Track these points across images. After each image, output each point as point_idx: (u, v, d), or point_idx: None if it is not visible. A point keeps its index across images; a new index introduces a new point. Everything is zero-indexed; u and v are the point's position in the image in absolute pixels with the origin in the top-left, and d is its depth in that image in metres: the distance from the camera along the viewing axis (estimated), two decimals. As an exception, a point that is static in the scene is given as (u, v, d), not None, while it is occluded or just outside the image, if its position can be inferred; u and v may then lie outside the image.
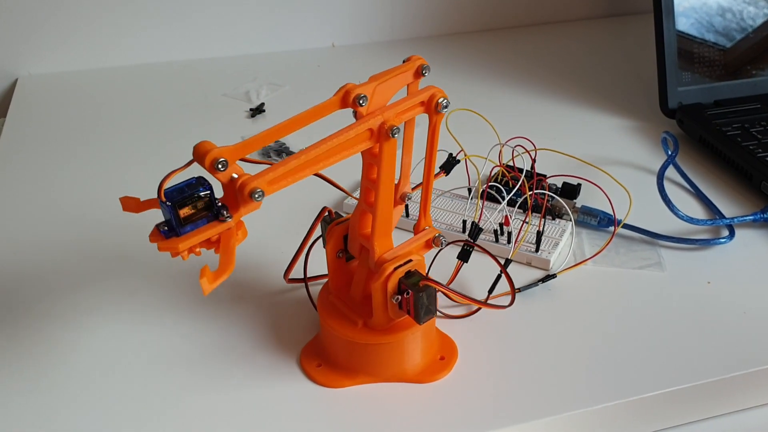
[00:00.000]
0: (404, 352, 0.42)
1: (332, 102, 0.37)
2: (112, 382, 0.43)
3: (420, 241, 0.41)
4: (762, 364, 0.44)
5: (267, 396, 0.42)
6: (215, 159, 0.33)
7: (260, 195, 0.34)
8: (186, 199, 0.34)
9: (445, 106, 0.38)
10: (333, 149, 0.36)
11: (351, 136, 0.37)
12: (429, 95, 0.38)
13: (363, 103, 0.37)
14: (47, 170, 0.66)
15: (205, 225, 0.35)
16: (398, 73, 0.39)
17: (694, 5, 0.72)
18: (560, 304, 0.49)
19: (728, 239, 0.55)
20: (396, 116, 0.38)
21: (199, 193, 0.34)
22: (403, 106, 0.38)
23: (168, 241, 0.34)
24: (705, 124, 0.68)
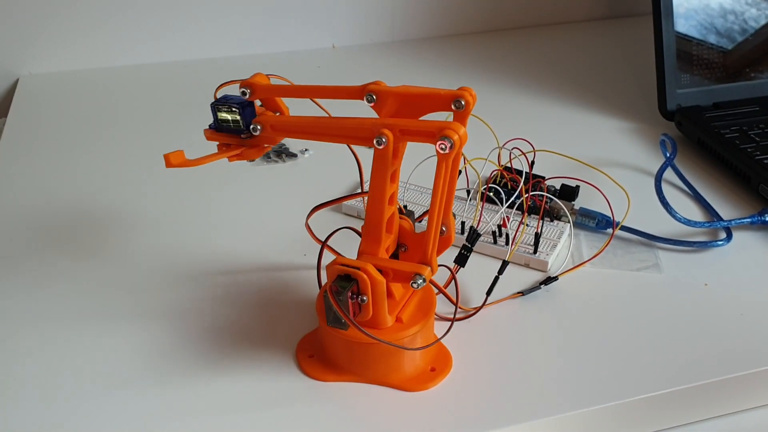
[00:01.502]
0: (393, 356, 0.42)
1: (353, 88, 0.39)
2: (104, 374, 0.43)
3: (403, 268, 0.40)
4: (758, 366, 0.45)
5: (254, 384, 0.43)
6: (246, 84, 0.41)
7: (256, 129, 0.41)
8: (223, 106, 0.42)
9: (449, 147, 0.35)
10: (332, 127, 0.39)
11: (347, 124, 0.38)
12: (438, 128, 0.36)
13: (370, 100, 0.38)
14: (48, 170, 0.66)
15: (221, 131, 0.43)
16: (431, 92, 0.37)
17: (693, 7, 0.73)
18: (558, 305, 0.49)
19: (725, 242, 0.55)
20: (397, 130, 0.37)
21: (233, 106, 0.41)
22: (408, 124, 0.37)
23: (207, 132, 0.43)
24: (703, 127, 0.68)
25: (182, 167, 0.43)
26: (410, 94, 0.37)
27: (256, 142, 0.42)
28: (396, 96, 0.38)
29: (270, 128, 0.41)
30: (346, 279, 0.39)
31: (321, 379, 0.43)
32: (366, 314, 0.40)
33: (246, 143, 0.42)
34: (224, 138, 0.43)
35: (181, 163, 0.42)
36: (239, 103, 0.41)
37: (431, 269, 0.40)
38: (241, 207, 0.60)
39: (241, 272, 0.52)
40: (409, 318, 0.42)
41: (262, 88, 0.41)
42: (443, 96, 0.36)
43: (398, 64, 0.91)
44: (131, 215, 0.59)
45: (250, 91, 0.41)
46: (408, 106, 0.38)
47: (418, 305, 0.43)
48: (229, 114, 0.42)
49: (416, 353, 0.43)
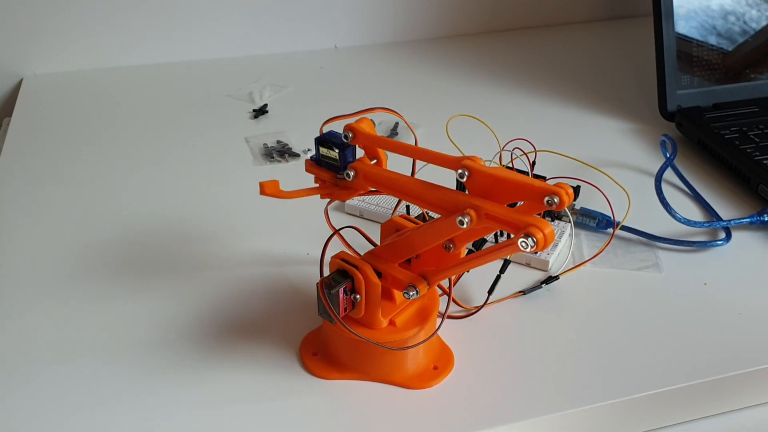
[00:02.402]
0: (395, 355, 0.43)
1: (450, 158, 0.38)
2: (109, 369, 0.44)
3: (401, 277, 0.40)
4: (757, 365, 0.45)
5: (258, 381, 0.43)
6: (349, 128, 0.41)
7: (350, 174, 0.41)
8: (325, 143, 0.42)
9: (531, 246, 0.34)
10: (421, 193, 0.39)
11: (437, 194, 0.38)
12: (525, 224, 0.34)
13: (462, 177, 0.37)
14: (52, 169, 0.67)
15: (326, 169, 0.43)
16: (526, 183, 0.35)
17: (693, 9, 0.73)
18: (559, 304, 0.50)
19: (725, 241, 0.56)
20: (483, 213, 0.36)
21: (334, 145, 0.42)
22: (495, 210, 0.36)
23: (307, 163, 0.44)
24: (703, 127, 0.68)
25: (275, 197, 0.44)
26: (504, 180, 0.36)
27: (349, 185, 0.43)
28: (489, 178, 0.36)
29: (362, 177, 0.41)
30: (343, 275, 0.40)
31: (325, 377, 0.44)
32: (358, 312, 0.41)
33: (340, 184, 0.43)
34: (321, 173, 0.43)
35: (274, 194, 0.43)
36: (341, 144, 0.42)
37: (428, 284, 0.40)
38: (244, 206, 0.61)
39: (244, 270, 0.53)
40: (404, 323, 0.43)
41: (364, 135, 0.41)
42: (537, 190, 0.35)
43: (400, 64, 0.92)
44: (133, 213, 0.60)
45: (352, 135, 0.41)
46: (499, 191, 0.36)
47: (417, 311, 0.44)
48: (330, 152, 0.42)
49: (419, 352, 0.43)
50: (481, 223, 0.36)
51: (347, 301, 0.40)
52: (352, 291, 0.40)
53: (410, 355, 0.43)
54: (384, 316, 0.41)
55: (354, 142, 0.41)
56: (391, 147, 0.41)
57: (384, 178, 0.41)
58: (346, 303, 0.40)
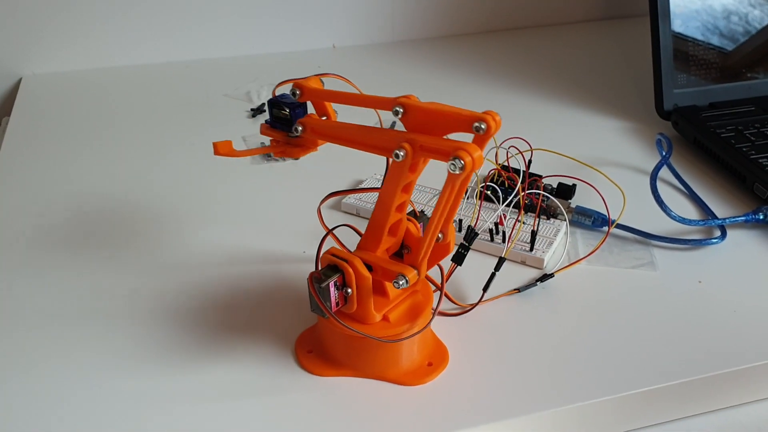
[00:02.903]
0: (389, 351, 0.43)
1: (386, 99, 0.39)
2: (105, 363, 0.44)
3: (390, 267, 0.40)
4: (751, 362, 0.45)
5: (252, 378, 0.44)
6: (297, 84, 0.43)
7: (297, 130, 0.43)
8: (275, 106, 0.44)
9: (460, 168, 0.35)
10: (360, 135, 0.41)
11: (374, 133, 0.40)
12: (454, 147, 0.36)
13: (397, 113, 0.38)
14: (50, 169, 0.67)
15: (274, 128, 0.45)
16: (455, 112, 0.37)
17: (690, 8, 0.73)
18: (554, 302, 0.50)
19: (720, 239, 0.56)
20: (417, 145, 0.37)
21: (284, 107, 0.44)
22: (428, 140, 0.37)
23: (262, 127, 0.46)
24: (699, 126, 0.69)
25: (229, 156, 0.45)
26: (435, 111, 0.37)
27: (300, 143, 0.44)
28: (422, 112, 0.38)
29: (310, 130, 0.43)
30: (333, 269, 0.40)
31: (319, 374, 0.44)
32: (350, 307, 0.41)
33: (291, 142, 0.45)
34: (275, 134, 0.45)
35: (228, 153, 0.44)
36: (292, 103, 0.43)
37: (417, 273, 0.40)
38: (242, 204, 0.61)
39: (241, 268, 0.53)
40: (397, 318, 0.43)
41: (310, 90, 0.43)
42: (465, 117, 0.36)
43: (398, 64, 0.92)
44: (133, 212, 0.60)
45: (299, 92, 0.43)
46: (433, 124, 0.38)
47: (410, 307, 0.44)
48: (281, 112, 0.44)
49: (413, 348, 0.44)
50: (417, 156, 0.37)
51: (339, 296, 0.41)
52: (343, 285, 0.40)
53: (404, 352, 0.43)
54: (377, 311, 0.42)
55: (302, 98, 0.43)
56: (334, 98, 0.43)
57: (329, 128, 0.43)
58: (338, 298, 0.41)
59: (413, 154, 0.37)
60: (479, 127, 0.36)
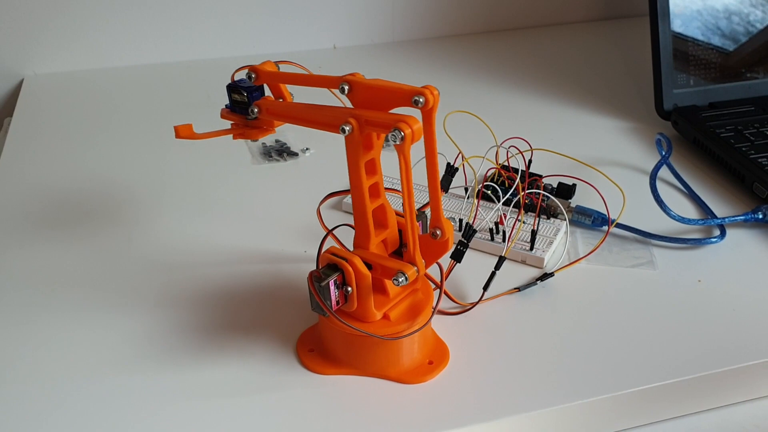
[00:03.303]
0: (390, 349, 0.43)
1: (333, 78, 0.41)
2: (104, 359, 0.44)
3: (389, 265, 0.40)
4: (750, 360, 0.45)
5: (253, 376, 0.44)
6: (252, 69, 0.45)
7: (254, 111, 0.45)
8: (233, 90, 0.46)
9: (400, 138, 0.37)
10: (311, 113, 0.42)
11: (322, 110, 0.41)
12: (394, 120, 0.38)
13: (343, 91, 0.40)
14: (52, 169, 0.67)
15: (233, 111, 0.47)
16: (395, 88, 0.39)
17: (689, 8, 0.74)
18: (554, 301, 0.50)
19: (719, 239, 0.56)
20: (363, 120, 0.39)
21: (241, 90, 0.46)
22: (371, 115, 0.39)
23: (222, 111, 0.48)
24: (699, 126, 0.69)
25: (190, 139, 0.47)
26: (378, 87, 0.39)
27: (258, 124, 0.46)
28: (366, 88, 0.39)
29: (265, 111, 0.45)
30: (333, 268, 0.41)
31: (320, 372, 0.44)
32: (351, 305, 0.41)
33: (249, 124, 0.47)
34: (234, 117, 0.47)
35: (188, 136, 0.47)
36: (249, 87, 0.45)
37: (417, 269, 0.41)
38: (243, 204, 0.61)
39: (242, 267, 0.53)
40: (398, 317, 0.43)
41: (264, 74, 0.44)
42: (405, 91, 0.38)
43: (399, 64, 0.92)
44: (135, 212, 0.60)
45: (255, 75, 0.45)
46: (378, 99, 0.39)
47: (410, 306, 0.44)
48: (239, 96, 0.46)
49: (413, 347, 0.44)
50: (363, 130, 0.39)
51: (339, 294, 0.41)
52: (343, 283, 0.41)
53: (405, 350, 0.44)
54: (377, 309, 0.42)
55: (257, 82, 0.45)
56: (286, 79, 0.45)
57: (282, 108, 0.45)
58: (338, 296, 0.41)
59: (359, 128, 0.39)
60: (418, 101, 0.37)
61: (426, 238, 0.42)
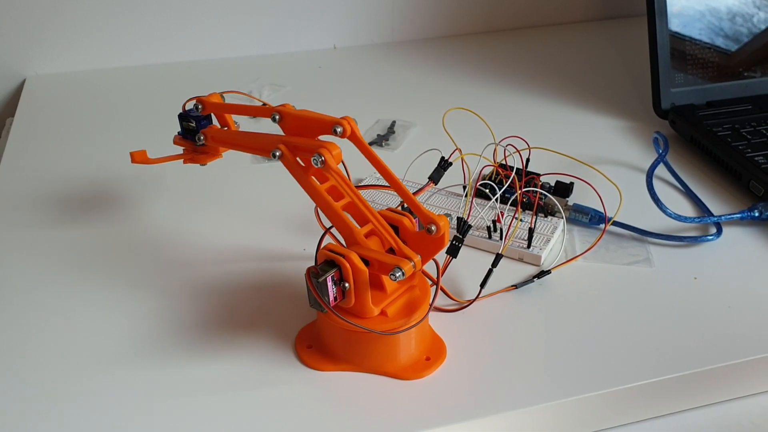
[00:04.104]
0: (387, 345, 0.43)
1: (266, 108, 0.46)
2: (103, 353, 0.45)
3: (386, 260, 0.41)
4: (745, 356, 0.46)
5: (252, 372, 0.44)
6: (199, 100, 0.50)
7: (200, 139, 0.50)
8: (184, 119, 0.51)
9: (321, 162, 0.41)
10: (248, 140, 0.47)
11: (258, 138, 0.46)
12: (317, 146, 0.42)
13: (274, 120, 0.45)
14: (54, 169, 0.68)
15: (185, 138, 0.52)
16: (319, 118, 0.43)
17: (686, 7, 0.74)
18: (551, 298, 0.51)
19: (716, 236, 0.56)
20: (291, 146, 0.43)
21: (191, 119, 0.51)
22: (297, 141, 0.43)
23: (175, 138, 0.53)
24: (696, 125, 0.69)
25: (144, 164, 0.52)
26: (304, 117, 0.44)
27: (205, 150, 0.52)
28: (294, 118, 0.44)
29: (210, 138, 0.50)
30: (330, 264, 0.41)
31: (318, 368, 0.44)
32: (348, 301, 0.42)
33: (198, 150, 0.52)
34: (185, 144, 0.52)
35: (143, 161, 0.52)
36: (197, 116, 0.50)
37: (414, 264, 0.41)
38: (244, 203, 0.62)
39: (241, 265, 0.54)
40: (395, 313, 0.43)
41: (210, 104, 0.50)
42: (326, 122, 0.42)
43: (398, 64, 0.92)
44: (136, 212, 0.61)
45: (201, 106, 0.50)
46: (305, 128, 0.44)
47: (408, 302, 0.44)
48: (189, 124, 0.51)
49: (410, 343, 0.44)
50: (294, 155, 0.43)
51: (337, 291, 0.41)
52: (340, 279, 0.41)
53: (402, 346, 0.44)
54: (375, 305, 0.42)
55: (204, 111, 0.50)
56: (229, 109, 0.49)
57: (224, 135, 0.49)
58: (336, 293, 0.41)
59: (289, 152, 0.43)
60: (336, 130, 0.42)
61: (422, 234, 0.43)
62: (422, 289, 0.45)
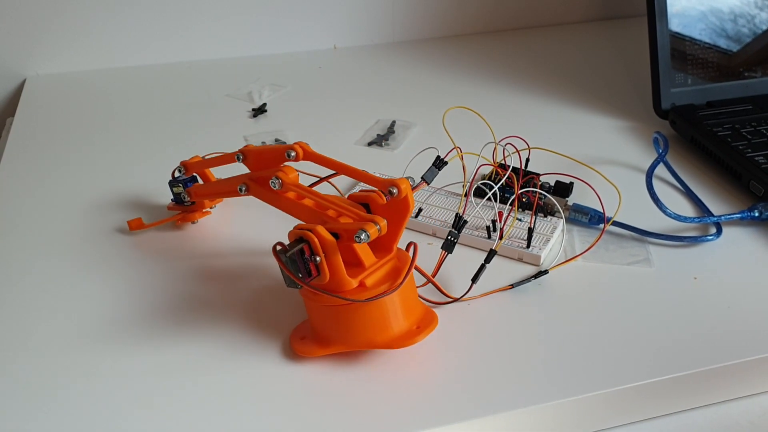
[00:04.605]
0: (376, 315, 0.43)
1: (232, 154, 0.52)
2: (112, 348, 0.45)
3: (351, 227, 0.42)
4: (745, 356, 0.46)
5: (244, 367, 0.44)
6: (182, 164, 0.56)
7: (186, 198, 0.57)
8: (173, 185, 0.57)
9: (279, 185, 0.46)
10: (218, 186, 0.54)
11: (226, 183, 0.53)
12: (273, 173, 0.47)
13: (239, 159, 0.52)
14: (54, 169, 0.68)
15: (177, 203, 0.58)
16: (274, 149, 0.50)
17: (686, 7, 0.74)
18: (551, 298, 0.51)
19: (716, 236, 0.56)
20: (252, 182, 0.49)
21: (179, 183, 0.56)
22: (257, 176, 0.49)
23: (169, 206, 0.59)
24: (697, 125, 0.69)
25: (140, 230, 0.57)
26: (263, 151, 0.51)
27: (195, 208, 0.58)
28: (255, 154, 0.51)
29: (194, 194, 0.56)
30: (299, 240, 0.42)
31: (311, 354, 0.44)
32: (324, 276, 0.42)
33: (188, 209, 0.58)
34: (178, 207, 0.58)
35: (138, 226, 0.56)
36: (184, 180, 0.56)
37: (380, 228, 0.42)
38: (243, 202, 0.62)
39: (243, 260, 0.54)
40: (374, 283, 0.43)
41: (191, 165, 0.56)
42: (280, 150, 0.49)
43: (399, 64, 0.92)
44: (137, 211, 0.61)
45: (184, 169, 0.56)
46: (265, 160, 0.50)
47: (388, 273, 0.44)
48: (178, 188, 0.56)
49: (398, 312, 0.44)
50: (259, 187, 0.49)
51: (311, 267, 0.41)
52: (311, 255, 0.41)
53: (390, 315, 0.43)
54: (353, 278, 0.43)
55: (188, 173, 0.56)
56: (205, 165, 0.56)
57: (204, 189, 0.56)
58: (310, 268, 0.41)
59: (254, 184, 0.49)
60: (289, 154, 0.49)
61: (390, 203, 0.44)
62: (401, 259, 0.45)
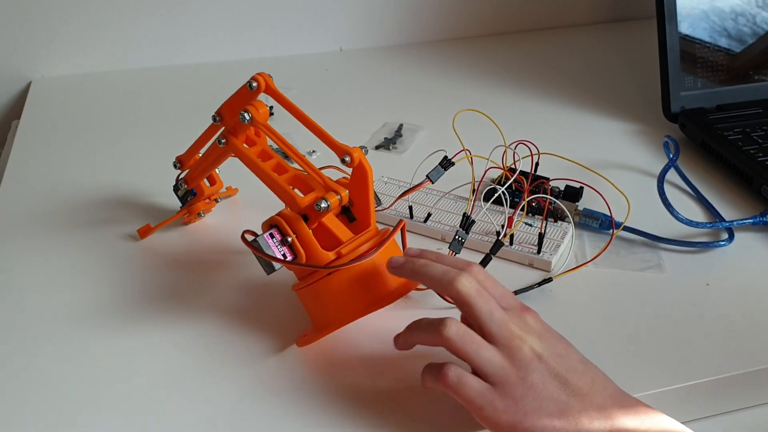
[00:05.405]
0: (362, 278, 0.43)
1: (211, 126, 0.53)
2: (116, 342, 0.45)
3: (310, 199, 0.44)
4: (759, 364, 0.45)
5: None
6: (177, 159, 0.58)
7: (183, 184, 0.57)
8: (176, 188, 0.58)
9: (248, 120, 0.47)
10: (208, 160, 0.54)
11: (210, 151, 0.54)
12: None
13: (214, 120, 0.52)
14: (60, 171, 0.67)
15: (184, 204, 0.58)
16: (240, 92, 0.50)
17: (696, 10, 0.73)
18: (562, 304, 0.50)
19: (728, 242, 0.56)
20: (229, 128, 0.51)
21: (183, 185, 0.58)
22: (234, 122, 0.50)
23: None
24: (707, 129, 0.69)
25: (149, 234, 0.57)
26: (231, 100, 0.51)
27: (196, 199, 0.57)
28: (227, 107, 0.52)
29: (190, 181, 0.56)
30: (268, 226, 0.44)
31: (310, 341, 0.45)
32: (300, 256, 0.43)
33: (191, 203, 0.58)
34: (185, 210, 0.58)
35: (147, 230, 0.57)
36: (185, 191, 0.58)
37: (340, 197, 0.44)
38: (247, 202, 0.62)
39: (241, 260, 0.53)
40: (350, 251, 0.44)
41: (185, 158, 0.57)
42: (244, 88, 0.50)
43: (404, 66, 0.92)
44: (140, 211, 0.60)
45: (179, 164, 0.57)
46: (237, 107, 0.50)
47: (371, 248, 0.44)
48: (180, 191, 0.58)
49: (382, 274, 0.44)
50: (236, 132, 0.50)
51: (287, 251, 0.43)
52: (283, 238, 0.43)
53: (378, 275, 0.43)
54: (328, 251, 0.44)
55: (182, 169, 0.57)
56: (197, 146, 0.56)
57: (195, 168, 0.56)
58: (285, 251, 0.43)
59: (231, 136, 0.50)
60: (251, 85, 0.49)
61: (352, 176, 0.46)
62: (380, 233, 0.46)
